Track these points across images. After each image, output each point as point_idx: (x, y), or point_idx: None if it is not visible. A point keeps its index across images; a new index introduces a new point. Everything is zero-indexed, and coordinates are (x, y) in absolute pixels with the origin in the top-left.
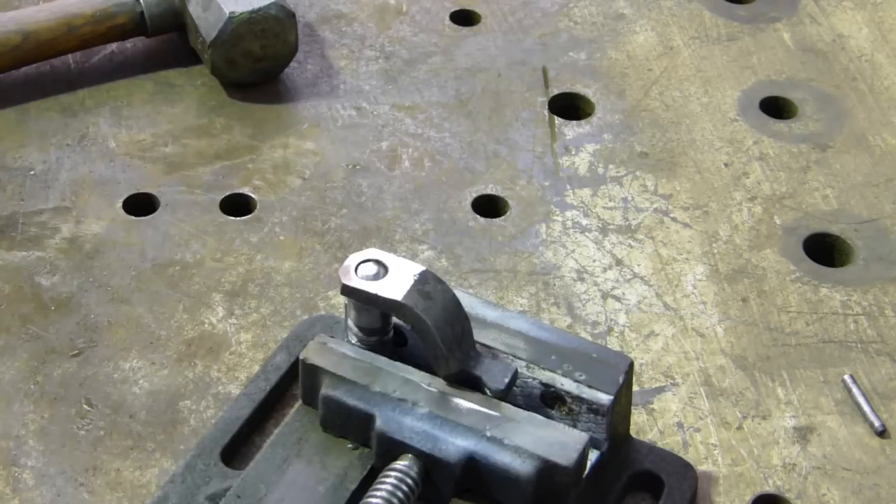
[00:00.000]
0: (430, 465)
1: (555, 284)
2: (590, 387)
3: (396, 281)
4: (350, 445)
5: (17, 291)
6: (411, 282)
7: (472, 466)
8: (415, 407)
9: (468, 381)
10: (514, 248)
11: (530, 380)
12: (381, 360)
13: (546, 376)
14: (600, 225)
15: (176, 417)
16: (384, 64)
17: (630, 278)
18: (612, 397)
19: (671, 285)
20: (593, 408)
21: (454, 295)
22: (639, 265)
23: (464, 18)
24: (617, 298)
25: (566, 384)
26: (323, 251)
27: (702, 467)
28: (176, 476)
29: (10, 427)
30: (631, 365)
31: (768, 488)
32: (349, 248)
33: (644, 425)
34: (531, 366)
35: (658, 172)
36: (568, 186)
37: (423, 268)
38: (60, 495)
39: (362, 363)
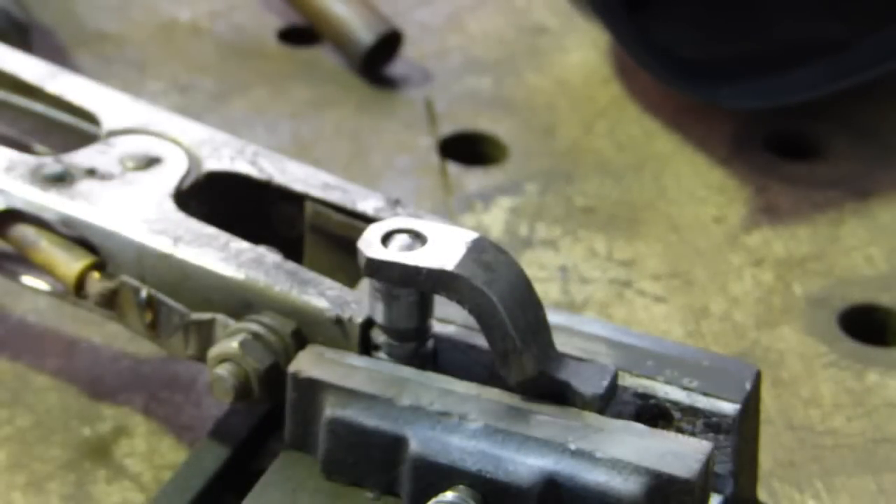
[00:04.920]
0: (492, 495)
1: None
2: (706, 395)
3: (442, 249)
4: (369, 495)
5: None
6: (463, 249)
7: (553, 492)
8: (463, 421)
9: (547, 392)
10: None
11: (621, 391)
12: (405, 370)
13: (643, 385)
14: None
15: None
16: (179, 99)
17: None
18: (738, 406)
19: None
20: (713, 423)
21: (522, 270)
22: None
23: (298, 37)
24: None
25: (672, 393)
26: None
27: None
28: None
29: None
30: (758, 375)
31: None
32: None
33: None
34: (621, 373)
35: (612, 232)
36: None
37: (478, 234)
38: None
39: (380, 373)
